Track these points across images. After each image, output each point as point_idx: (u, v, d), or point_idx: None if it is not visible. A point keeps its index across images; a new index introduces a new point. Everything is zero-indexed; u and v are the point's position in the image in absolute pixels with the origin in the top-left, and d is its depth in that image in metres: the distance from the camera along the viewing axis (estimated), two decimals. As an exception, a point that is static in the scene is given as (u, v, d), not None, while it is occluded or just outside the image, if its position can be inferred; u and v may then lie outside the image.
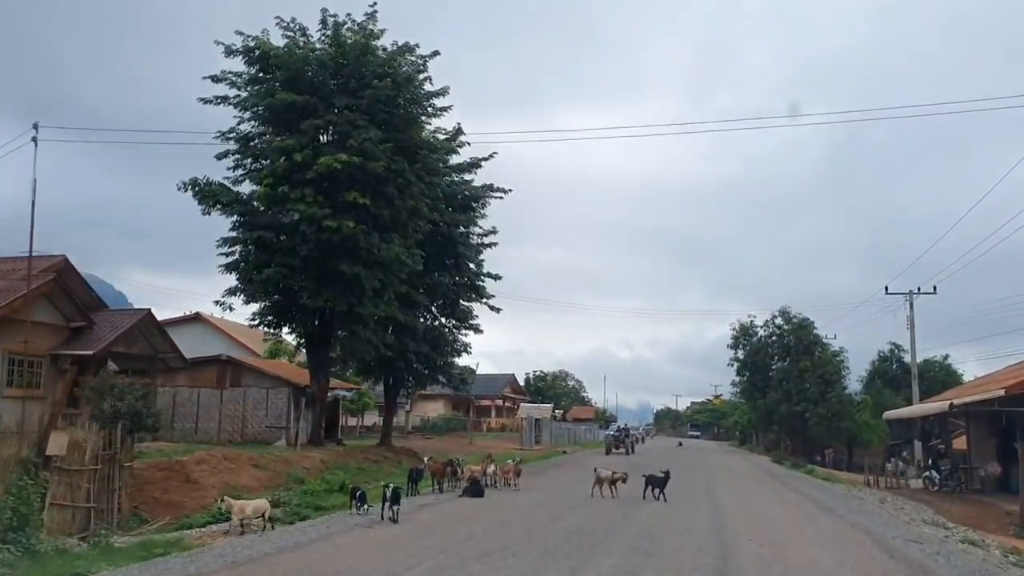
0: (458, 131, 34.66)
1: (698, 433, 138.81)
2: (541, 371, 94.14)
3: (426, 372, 34.46)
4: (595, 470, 20.08)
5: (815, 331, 59.28)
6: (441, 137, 34.17)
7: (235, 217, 27.69)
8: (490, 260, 49.92)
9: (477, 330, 35.56)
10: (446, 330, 34.80)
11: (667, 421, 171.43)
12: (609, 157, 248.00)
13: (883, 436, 60.50)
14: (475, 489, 19.24)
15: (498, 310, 36.08)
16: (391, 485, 14.92)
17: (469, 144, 35.08)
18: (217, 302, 27.61)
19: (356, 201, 26.23)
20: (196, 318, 50.92)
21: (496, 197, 35.56)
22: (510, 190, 36.04)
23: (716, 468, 35.07)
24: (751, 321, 61.63)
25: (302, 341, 30.07)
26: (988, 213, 38.29)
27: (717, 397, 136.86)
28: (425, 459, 21.98)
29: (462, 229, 35.06)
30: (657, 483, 19.11)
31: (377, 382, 36.32)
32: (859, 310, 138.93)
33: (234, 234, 27.60)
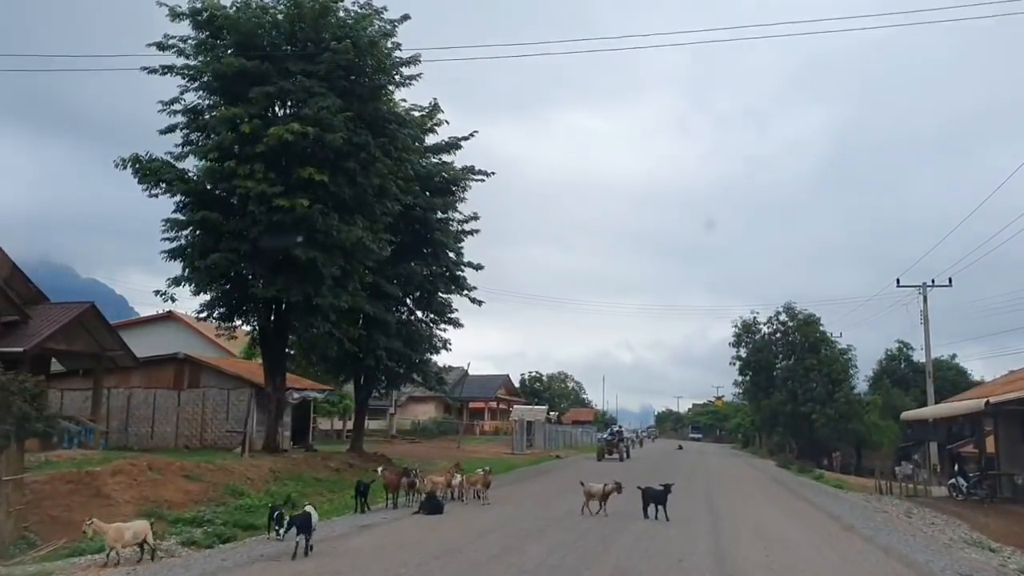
0: (435, 108, 31.82)
1: (699, 435, 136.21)
2: (537, 372, 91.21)
3: (400, 370, 31.49)
4: (583, 484, 17.07)
5: (821, 327, 56.40)
6: (417, 114, 31.37)
7: (179, 197, 24.77)
8: (472, 249, 47.18)
9: (457, 324, 32.61)
10: (422, 325, 31.82)
11: (668, 423, 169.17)
12: (610, 157, 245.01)
13: (893, 438, 57.54)
14: (432, 505, 16.29)
15: (480, 303, 33.20)
16: (278, 510, 12.07)
17: (447, 122, 32.27)
18: (158, 292, 24.66)
19: (312, 178, 23.30)
20: (169, 317, 48.06)
21: (478, 180, 32.67)
22: (492, 173, 33.18)
23: (718, 474, 32.08)
24: (754, 317, 58.85)
25: (257, 336, 27.06)
26: (993, 211, 35.49)
27: (719, 399, 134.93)
28: (379, 469, 19.03)
29: (440, 214, 32.13)
30: (656, 498, 16.14)
31: (346, 382, 33.34)
32: (864, 309, 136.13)
33: (178, 216, 24.64)
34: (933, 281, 44.44)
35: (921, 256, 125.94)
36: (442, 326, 32.42)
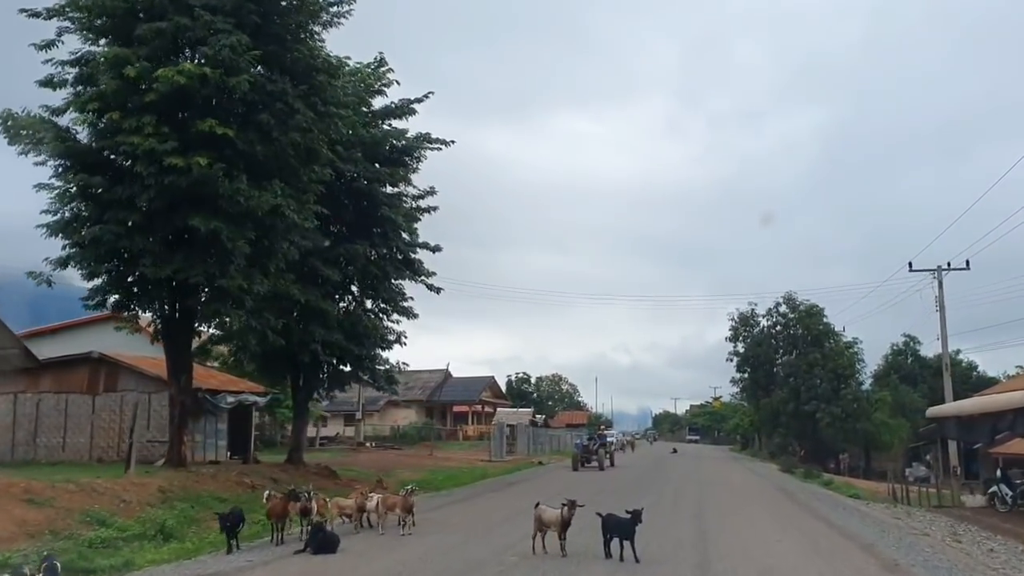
0: (380, 63, 27.59)
1: (697, 437, 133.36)
2: (524, 373, 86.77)
3: (344, 368, 27.16)
4: (536, 508, 12.50)
5: (825, 319, 52.20)
6: (356, 65, 27.17)
7: (59, 161, 20.44)
8: (429, 227, 43.04)
9: (410, 315, 28.25)
10: (370, 315, 27.44)
11: (666, 425, 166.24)
12: (603, 159, 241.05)
13: (904, 438, 53.35)
14: (320, 540, 11.94)
15: (438, 290, 28.86)
16: (50, 558, 7.88)
17: (398, 83, 28.01)
18: (31, 274, 20.23)
19: (214, 132, 19.00)
20: (115, 316, 43.69)
21: (434, 149, 28.36)
22: (452, 141, 28.85)
23: (714, 483, 27.77)
24: (752, 310, 54.59)
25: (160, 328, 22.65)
26: (990, 208, 31.59)
27: (716, 399, 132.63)
28: (266, 493, 14.68)
29: (390, 188, 27.84)
30: (620, 530, 11.46)
31: (279, 382, 28.95)
32: (866, 303, 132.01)
33: (53, 182, 20.29)
34: (949, 264, 40.27)
35: (933, 239, 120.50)
36: (394, 317, 28.07)
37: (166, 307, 21.31)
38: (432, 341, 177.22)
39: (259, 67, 20.50)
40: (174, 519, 15.65)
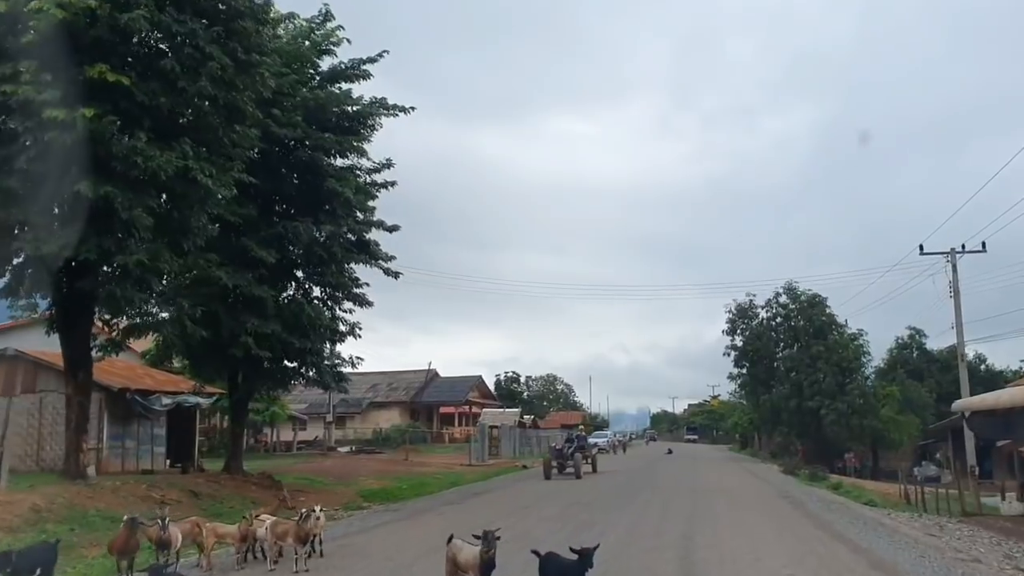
0: (327, 16, 24.32)
1: (695, 436, 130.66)
2: (514, 372, 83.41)
3: (290, 366, 23.87)
4: (449, 545, 8.86)
5: (828, 309, 48.93)
6: (305, 26, 24.00)
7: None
8: (389, 207, 39.94)
9: (364, 303, 24.95)
10: (317, 303, 24.13)
11: (664, 424, 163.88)
12: (598, 159, 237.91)
13: (914, 435, 50.14)
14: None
15: (397, 275, 25.55)
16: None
17: (348, 41, 24.75)
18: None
19: (105, 79, 15.84)
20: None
21: (391, 115, 25.07)
22: (412, 108, 25.58)
23: (709, 491, 24.46)
24: (750, 301, 51.28)
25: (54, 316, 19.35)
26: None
27: (715, 398, 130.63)
28: (125, 516, 11.35)
29: (341, 160, 24.57)
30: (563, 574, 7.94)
31: (213, 379, 25.57)
32: (866, 296, 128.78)
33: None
34: (964, 247, 37.12)
35: (946, 220, 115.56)
36: (347, 306, 24.75)
37: (60, 290, 18.05)
38: (430, 342, 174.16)
39: (168, 6, 17.31)
40: (33, 542, 12.42)
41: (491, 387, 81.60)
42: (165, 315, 19.57)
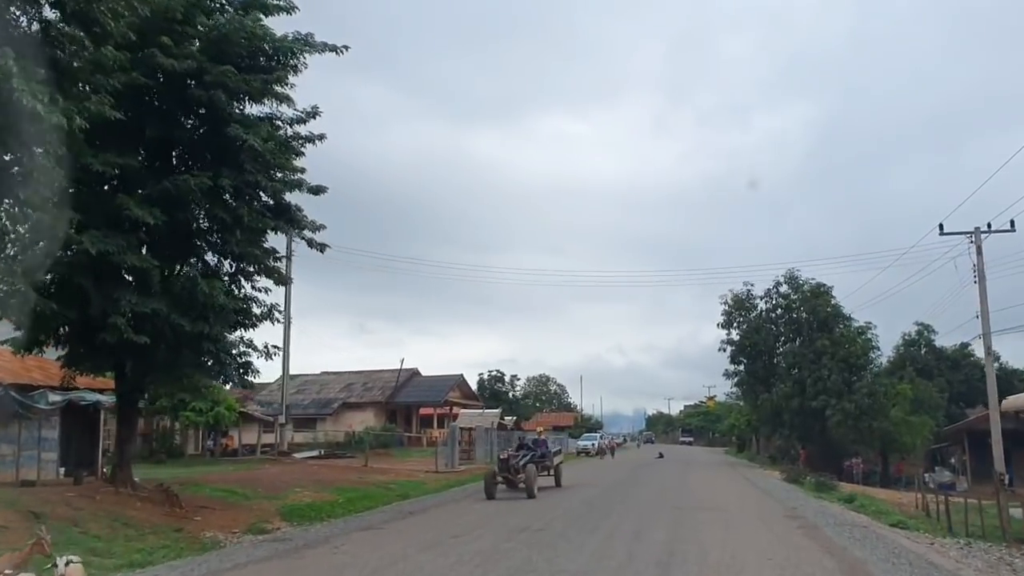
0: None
1: (690, 439, 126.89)
2: (498, 371, 78.97)
3: (182, 353, 19.42)
4: None
5: (833, 300, 44.62)
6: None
7: None
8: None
9: (282, 280, 20.55)
10: (220, 278, 19.68)
11: (660, 426, 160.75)
12: (593, 159, 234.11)
13: (925, 438, 45.91)
14: None
15: (323, 247, 21.14)
16: None
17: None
18: None
19: None
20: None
21: (318, 52, 20.69)
22: (345, 47, 21.19)
23: (700, 508, 20.03)
24: (748, 290, 46.93)
25: None
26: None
27: (711, 399, 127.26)
28: None
29: (251, 108, 20.14)
30: None
31: (96, 371, 21.09)
32: (868, 290, 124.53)
33: None
34: (990, 225, 32.96)
35: (968, 196, 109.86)
36: (257, 281, 20.32)
37: None
38: (426, 343, 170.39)
39: None
40: None
41: (474, 387, 77.31)
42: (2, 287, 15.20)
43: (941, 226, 33.03)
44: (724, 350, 46.55)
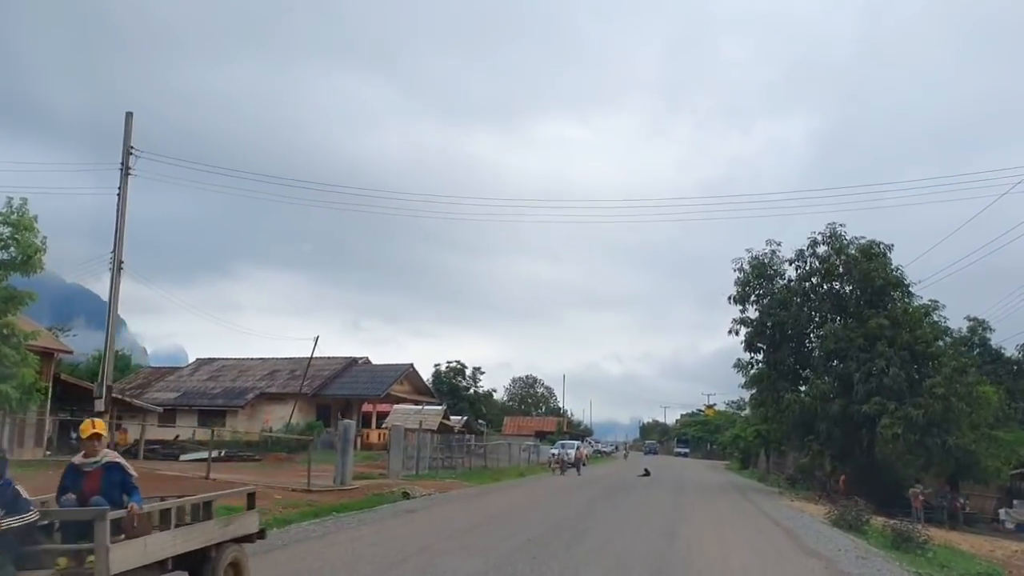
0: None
1: (687, 450, 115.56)
2: (458, 363, 66.13)
3: None
4: None
5: (892, 266, 31.97)
6: None
7: None
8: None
9: None
10: None
11: (655, 435, 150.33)
12: (592, 165, 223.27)
13: (1009, 461, 33.30)
14: None
15: None
16: None
17: None
18: None
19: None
20: None
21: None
22: None
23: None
24: (772, 252, 34.04)
25: None
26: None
27: (710, 407, 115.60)
28: None
29: None
30: None
31: None
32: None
33: None
34: None
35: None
36: None
37: None
38: (423, 345, 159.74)
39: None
40: None
41: (430, 380, 64.53)
42: None
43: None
44: (736, 332, 33.72)
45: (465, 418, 49.76)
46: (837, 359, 31.33)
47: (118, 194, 30.63)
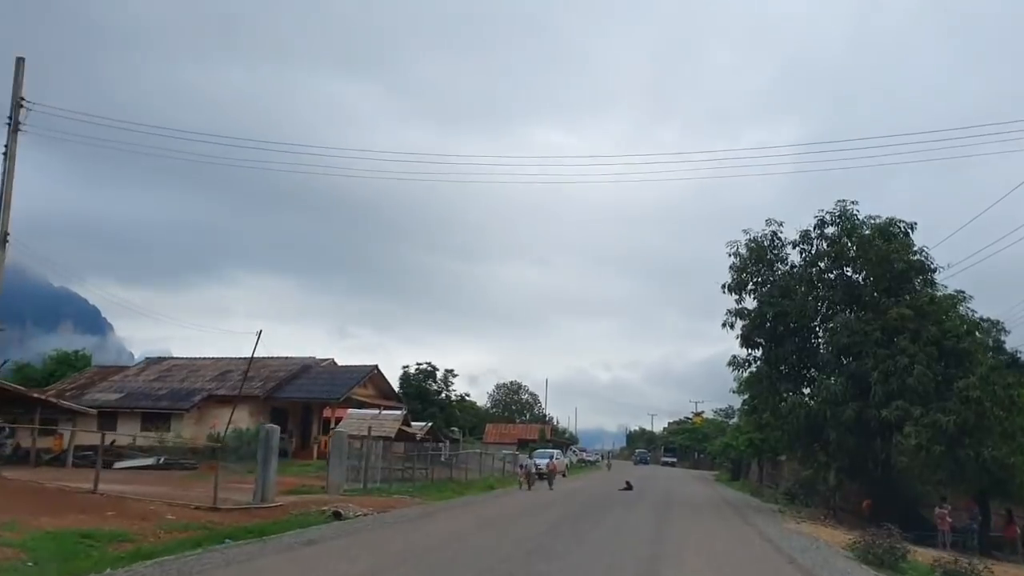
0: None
1: (674, 459, 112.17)
2: (429, 365, 61.27)
3: None
4: None
5: (915, 248, 27.49)
6: None
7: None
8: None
9: None
10: None
11: (641, 443, 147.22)
12: (582, 171, 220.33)
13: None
14: None
15: None
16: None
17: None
18: None
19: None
20: None
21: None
22: None
23: None
24: (772, 233, 29.42)
25: None
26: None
27: (698, 415, 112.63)
28: None
29: None
30: None
31: None
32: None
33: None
34: None
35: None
36: None
37: None
38: (414, 351, 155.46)
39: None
40: None
41: (397, 384, 59.67)
42: None
43: None
44: (731, 325, 28.98)
45: (429, 424, 44.88)
46: (850, 356, 26.78)
47: (4, 153, 26.29)
